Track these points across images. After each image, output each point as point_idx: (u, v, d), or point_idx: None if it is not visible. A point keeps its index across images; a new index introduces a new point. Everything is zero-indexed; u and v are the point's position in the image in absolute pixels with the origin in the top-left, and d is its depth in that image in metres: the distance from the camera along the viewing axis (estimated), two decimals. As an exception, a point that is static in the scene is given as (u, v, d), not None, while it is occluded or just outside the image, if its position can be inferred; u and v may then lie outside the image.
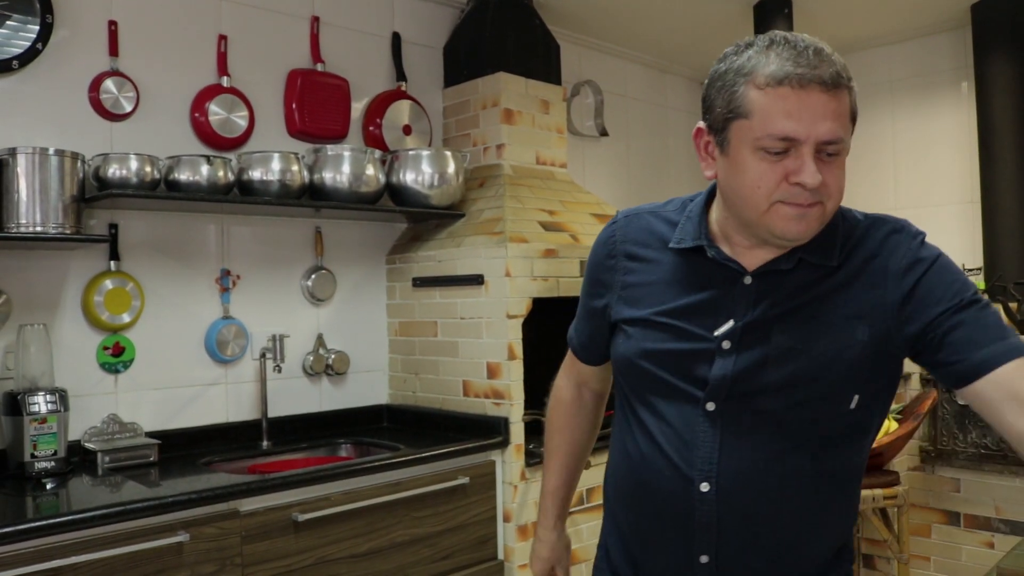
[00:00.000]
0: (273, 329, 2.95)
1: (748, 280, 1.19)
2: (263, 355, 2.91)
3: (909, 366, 3.50)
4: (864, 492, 2.94)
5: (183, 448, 2.74)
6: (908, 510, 3.07)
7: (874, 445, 2.97)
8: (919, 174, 4.15)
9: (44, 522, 1.96)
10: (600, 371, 1.50)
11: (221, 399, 2.90)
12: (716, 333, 1.18)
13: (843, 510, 1.24)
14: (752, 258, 1.19)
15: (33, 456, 2.37)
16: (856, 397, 1.15)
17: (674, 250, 1.26)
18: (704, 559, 1.20)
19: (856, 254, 1.18)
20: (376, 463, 2.54)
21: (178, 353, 2.81)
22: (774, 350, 1.15)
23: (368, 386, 3.22)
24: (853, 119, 1.13)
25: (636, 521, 1.29)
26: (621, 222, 1.35)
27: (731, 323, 1.18)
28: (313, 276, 3.10)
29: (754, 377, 1.16)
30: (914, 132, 4.17)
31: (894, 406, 3.21)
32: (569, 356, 1.53)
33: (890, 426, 3.07)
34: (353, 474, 2.47)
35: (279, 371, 2.91)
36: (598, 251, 1.37)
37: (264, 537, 2.27)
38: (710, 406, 1.18)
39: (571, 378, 1.54)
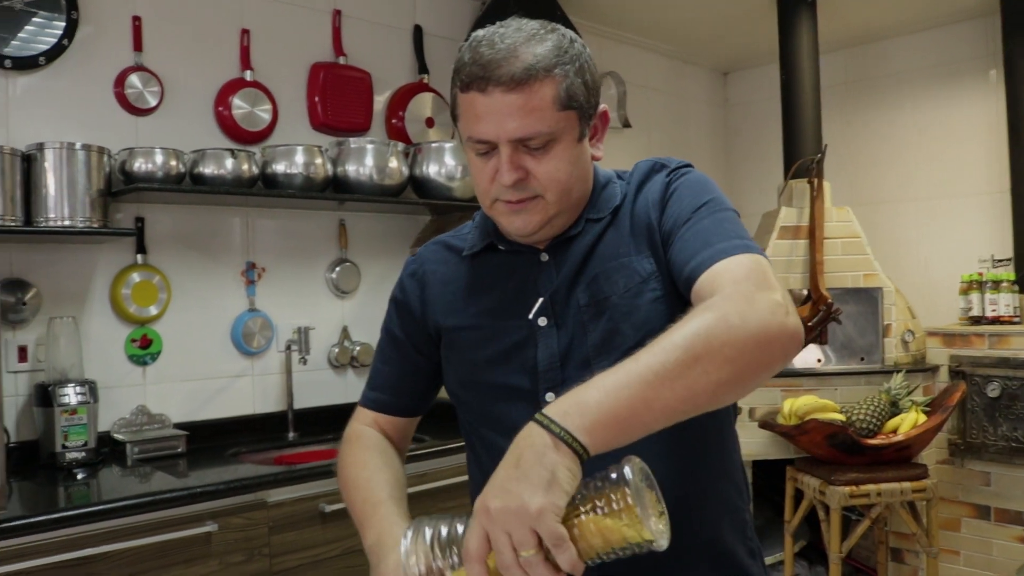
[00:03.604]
0: (298, 321, 2.97)
1: (544, 256, 1.19)
2: (288, 347, 2.93)
3: (939, 356, 3.49)
4: (892, 485, 2.92)
5: (210, 439, 2.76)
6: (937, 504, 3.04)
7: (901, 437, 2.96)
8: (944, 164, 4.11)
9: (76, 511, 1.98)
10: (405, 428, 1.36)
11: (247, 391, 2.92)
12: (530, 315, 1.17)
13: (719, 465, 1.19)
14: (541, 237, 1.18)
15: (64, 447, 2.40)
16: None
17: (470, 258, 1.25)
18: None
19: (628, 198, 1.19)
20: (402, 454, 2.54)
21: (205, 345, 2.83)
22: (586, 310, 1.14)
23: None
24: (570, 103, 1.10)
25: None
26: (419, 255, 1.34)
27: (540, 300, 1.17)
28: (337, 269, 3.11)
29: (578, 345, 1.14)
30: (939, 121, 4.13)
31: (921, 398, 3.18)
32: (361, 423, 1.35)
33: (919, 418, 3.05)
34: (379, 465, 2.47)
35: (305, 363, 2.93)
36: (407, 283, 1.32)
37: (292, 528, 2.29)
38: (549, 396, 1.14)
39: (370, 427, 1.35)
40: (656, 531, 0.85)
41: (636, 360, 0.90)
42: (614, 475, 0.87)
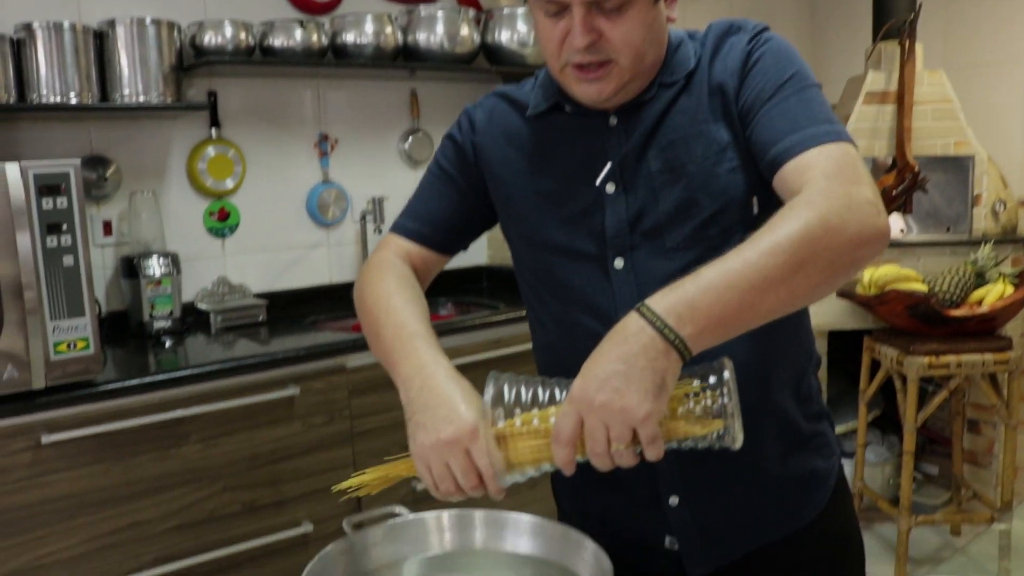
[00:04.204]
0: (372, 192, 2.98)
1: (613, 120, 1.13)
2: (363, 217, 2.96)
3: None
4: (974, 357, 2.86)
5: (289, 308, 2.84)
6: (1020, 376, 2.98)
7: (986, 309, 2.88)
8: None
9: (166, 376, 2.07)
10: (435, 266, 1.29)
11: (324, 261, 2.97)
12: (597, 181, 1.12)
13: (790, 330, 1.16)
14: (614, 103, 1.12)
15: (151, 316, 2.50)
16: (755, 200, 1.09)
17: (534, 118, 1.19)
18: None
19: (704, 63, 1.12)
20: (476, 321, 2.59)
21: (281, 217, 2.88)
22: (658, 177, 1.09)
23: (466, 247, 3.24)
24: None
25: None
26: (481, 103, 1.28)
27: (608, 165, 1.12)
28: (410, 138, 3.09)
29: (650, 212, 1.10)
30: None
31: (1009, 269, 3.07)
32: (391, 253, 1.26)
33: (1005, 289, 2.95)
34: (454, 331, 2.52)
35: (379, 232, 2.95)
36: (464, 125, 1.26)
37: (371, 391, 2.36)
38: (618, 263, 1.12)
39: (399, 257, 1.26)
40: (739, 433, 0.88)
41: (744, 260, 0.88)
42: (712, 378, 0.89)
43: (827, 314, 3.24)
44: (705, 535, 1.16)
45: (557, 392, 0.93)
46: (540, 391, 0.94)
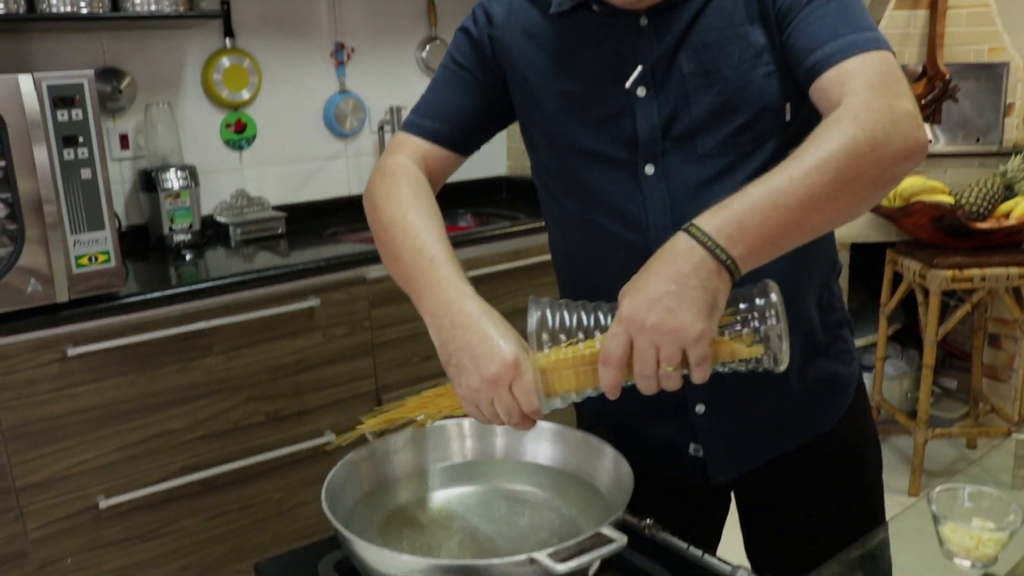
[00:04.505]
0: (390, 101, 2.94)
1: (644, 21, 1.07)
2: (381, 128, 2.93)
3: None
4: (998, 270, 2.82)
5: (308, 220, 2.83)
6: (1044, 288, 2.95)
7: (1013, 222, 2.83)
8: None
9: (187, 288, 2.09)
10: (449, 169, 1.23)
11: (342, 172, 2.95)
12: (627, 85, 1.08)
13: (817, 239, 1.13)
14: (647, 3, 1.06)
15: (171, 230, 2.50)
16: (788, 105, 1.05)
17: (558, 16, 1.12)
18: None
19: None
20: (496, 232, 2.57)
21: (298, 128, 2.85)
22: (691, 80, 1.05)
23: (486, 157, 3.17)
24: None
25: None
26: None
27: (639, 68, 1.07)
28: (427, 47, 3.03)
29: (682, 116, 1.06)
30: None
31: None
32: (405, 157, 1.19)
33: (1033, 202, 2.90)
34: (474, 243, 2.51)
35: (396, 144, 2.92)
36: (480, 18, 1.19)
37: (391, 302, 2.37)
38: (648, 169, 1.08)
39: (414, 161, 1.19)
40: (785, 356, 0.87)
41: (791, 178, 0.86)
42: (760, 300, 0.88)
43: (850, 226, 3.20)
44: (730, 442, 1.17)
45: (601, 316, 0.91)
46: (584, 316, 0.92)
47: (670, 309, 0.82)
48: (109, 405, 2.03)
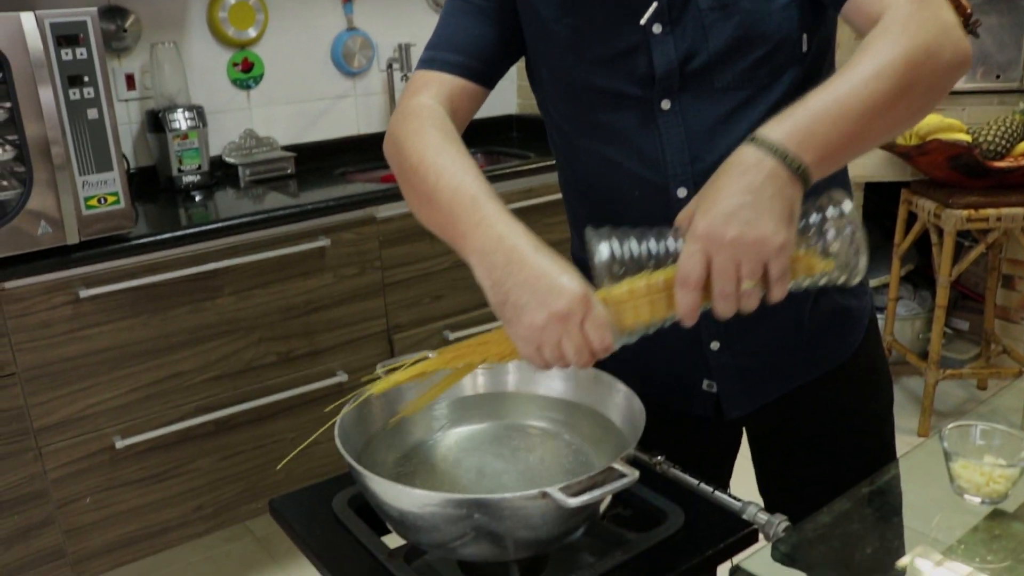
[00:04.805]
0: (398, 39, 2.90)
1: None
2: (390, 66, 2.89)
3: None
4: (1015, 210, 2.79)
5: (317, 160, 2.81)
6: (1061, 228, 2.92)
7: (1030, 159, 2.79)
8: None
9: (197, 229, 2.08)
10: (477, 103, 1.16)
11: (351, 112, 2.92)
12: (642, 21, 1.04)
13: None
14: None
15: (180, 171, 2.49)
16: (805, 36, 1.03)
17: None
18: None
19: None
20: (508, 170, 2.56)
21: (306, 67, 2.81)
22: (708, 15, 1.02)
23: (497, 96, 3.13)
24: None
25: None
26: None
27: (654, 4, 1.03)
28: (435, -17, 2.98)
29: (700, 52, 1.03)
30: None
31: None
32: (428, 97, 1.11)
33: (1048, 140, 2.85)
34: (485, 183, 2.49)
35: (407, 80, 2.88)
36: None
37: (401, 242, 2.36)
38: (665, 104, 1.05)
39: (438, 101, 1.11)
40: (863, 267, 0.86)
41: (851, 86, 0.84)
42: (832, 210, 0.86)
43: (865, 165, 3.17)
44: (744, 378, 1.16)
45: (669, 242, 0.88)
46: (652, 243, 0.88)
47: (749, 221, 0.79)
48: (123, 346, 2.04)
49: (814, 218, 0.86)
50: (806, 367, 1.18)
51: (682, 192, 1.07)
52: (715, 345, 1.14)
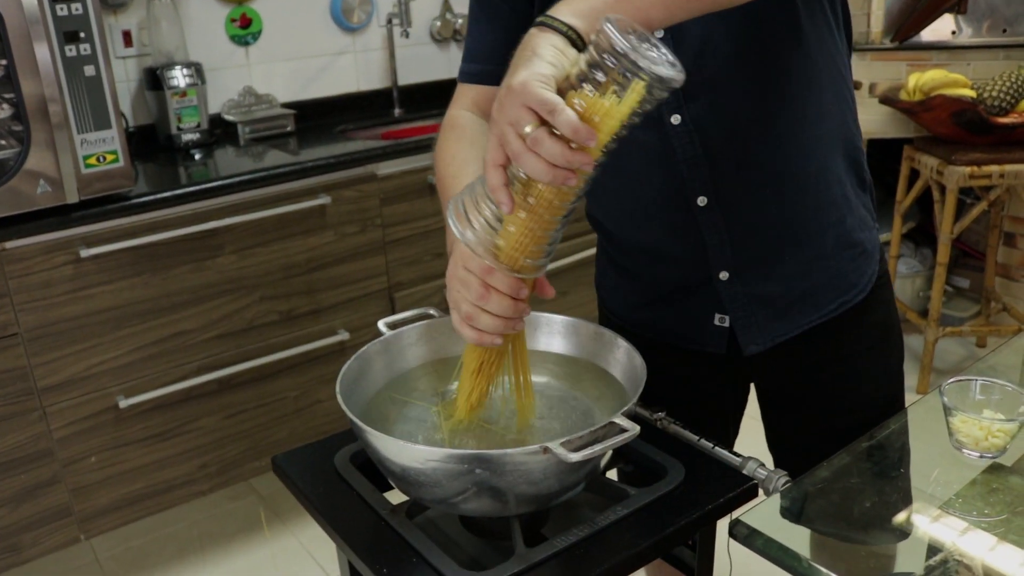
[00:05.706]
0: (398, -7, 2.86)
1: None
2: (389, 21, 2.86)
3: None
4: (1019, 167, 2.77)
5: (317, 118, 2.79)
6: (1064, 184, 2.90)
7: (1035, 115, 2.77)
8: None
9: (197, 187, 2.07)
10: None
11: (351, 68, 2.89)
12: None
13: (836, 101, 1.12)
14: None
15: (179, 129, 2.47)
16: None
17: None
18: (702, 200, 1.10)
19: None
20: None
21: (305, 22, 2.78)
22: (709, 17, 0.98)
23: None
24: None
25: (621, 201, 1.18)
26: None
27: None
28: (434, -62, 2.94)
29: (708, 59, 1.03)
30: None
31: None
32: (459, 108, 1.21)
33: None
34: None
35: (407, 36, 2.85)
36: None
37: (402, 199, 2.36)
38: (675, 119, 1.06)
39: (468, 109, 1.21)
40: (667, 75, 0.77)
41: None
42: (596, 37, 0.78)
43: (867, 122, 3.14)
44: (760, 308, 1.16)
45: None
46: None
47: (506, 84, 0.79)
48: (125, 306, 2.04)
49: (603, 59, 0.77)
50: (822, 298, 1.17)
51: (702, 201, 1.09)
52: (724, 276, 1.14)
